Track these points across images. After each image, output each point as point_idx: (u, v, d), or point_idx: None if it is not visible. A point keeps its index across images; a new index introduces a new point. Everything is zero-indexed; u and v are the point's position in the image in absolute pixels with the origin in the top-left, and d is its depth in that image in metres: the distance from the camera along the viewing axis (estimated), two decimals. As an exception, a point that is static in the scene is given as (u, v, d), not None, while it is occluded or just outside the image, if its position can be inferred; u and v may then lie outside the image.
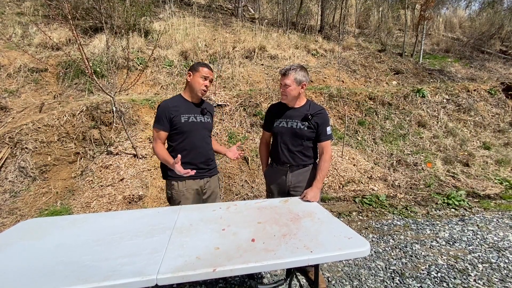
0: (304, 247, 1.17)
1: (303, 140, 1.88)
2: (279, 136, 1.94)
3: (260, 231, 1.35)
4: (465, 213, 3.31)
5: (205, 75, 1.86)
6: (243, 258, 1.09)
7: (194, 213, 1.60)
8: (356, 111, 5.60)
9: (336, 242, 1.21)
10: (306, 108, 1.92)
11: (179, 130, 1.85)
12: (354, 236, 1.26)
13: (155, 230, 1.37)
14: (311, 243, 1.20)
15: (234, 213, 1.60)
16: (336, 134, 5.07)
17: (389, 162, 4.63)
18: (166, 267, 1.03)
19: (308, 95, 5.63)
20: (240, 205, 1.73)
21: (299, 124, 1.87)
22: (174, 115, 1.83)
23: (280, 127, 1.93)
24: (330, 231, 1.32)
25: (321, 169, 1.87)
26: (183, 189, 1.88)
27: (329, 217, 1.50)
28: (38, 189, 3.66)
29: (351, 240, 1.22)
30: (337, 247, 1.16)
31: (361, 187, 4.00)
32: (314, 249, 1.15)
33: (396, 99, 5.84)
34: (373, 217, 3.25)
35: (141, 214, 1.60)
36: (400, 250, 2.51)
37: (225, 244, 1.22)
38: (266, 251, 1.15)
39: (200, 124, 1.91)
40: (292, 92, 1.85)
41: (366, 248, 1.15)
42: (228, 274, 1.02)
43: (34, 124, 4.20)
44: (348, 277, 2.16)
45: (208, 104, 2.10)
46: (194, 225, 1.43)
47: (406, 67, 8.12)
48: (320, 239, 1.24)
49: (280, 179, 1.98)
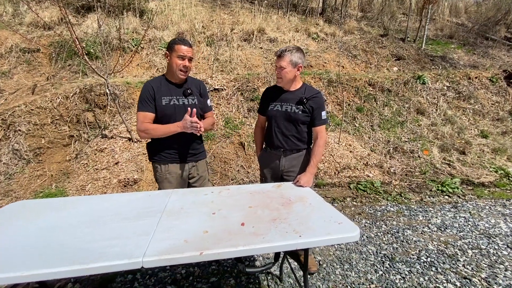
0: (293, 231, 1.16)
1: (297, 124, 1.85)
2: (273, 120, 1.90)
3: (250, 215, 1.34)
4: (458, 200, 3.34)
5: (183, 54, 1.74)
6: (231, 241, 1.08)
7: (185, 197, 1.58)
8: (355, 97, 5.53)
9: (326, 227, 1.21)
10: (302, 91, 1.87)
11: (160, 113, 1.79)
12: (345, 221, 1.25)
13: (145, 213, 1.36)
14: (300, 228, 1.19)
15: (226, 197, 1.59)
16: (333, 120, 5.03)
17: (385, 149, 4.62)
18: (152, 250, 1.02)
19: (307, 80, 5.54)
20: (233, 189, 1.72)
21: (293, 107, 1.83)
22: (157, 97, 1.77)
23: (274, 111, 1.89)
24: (320, 216, 1.32)
25: (315, 154, 1.85)
26: (165, 173, 1.85)
27: (321, 202, 1.50)
28: (32, 171, 3.65)
29: (341, 225, 1.22)
30: (327, 232, 1.15)
31: (357, 174, 4.01)
32: (303, 233, 1.14)
33: (396, 85, 5.76)
34: (367, 203, 3.28)
35: (132, 197, 1.59)
36: (392, 236, 2.55)
37: (214, 228, 1.21)
38: (255, 235, 1.14)
39: (183, 106, 1.83)
40: (288, 75, 1.79)
41: (355, 233, 1.15)
42: (215, 257, 1.02)
43: (26, 106, 4.12)
44: (339, 260, 2.20)
45: (195, 81, 1.99)
46: (184, 208, 1.42)
47: (408, 53, 7.96)
48: (310, 223, 1.24)
49: (274, 163, 1.96)
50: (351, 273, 2.05)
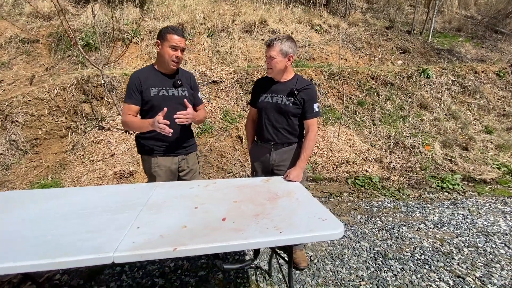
0: (274, 227, 1.12)
1: (288, 117, 1.79)
2: (263, 112, 1.84)
3: (233, 210, 1.30)
4: (458, 197, 3.27)
5: (175, 45, 1.67)
6: (208, 237, 1.05)
7: (170, 190, 1.55)
8: (357, 90, 5.43)
9: (309, 223, 1.17)
10: (293, 82, 1.80)
11: (149, 104, 1.74)
12: (329, 217, 1.21)
13: (126, 206, 1.34)
14: (282, 224, 1.15)
15: (211, 191, 1.56)
16: (334, 114, 4.94)
17: (386, 144, 4.54)
18: (126, 244, 0.99)
19: (308, 73, 5.44)
20: (220, 183, 1.68)
21: (284, 99, 1.77)
22: (144, 88, 1.72)
23: (264, 102, 1.84)
24: (305, 212, 1.27)
25: (306, 148, 1.79)
26: (154, 166, 1.82)
27: (308, 197, 1.45)
28: (29, 162, 3.65)
29: (325, 222, 1.17)
30: (309, 229, 1.11)
31: (355, 169, 3.95)
32: (284, 230, 1.10)
33: (399, 79, 5.63)
34: (364, 198, 3.23)
35: (116, 189, 1.57)
36: (387, 232, 2.50)
37: (193, 223, 1.18)
38: (235, 230, 1.10)
39: (173, 98, 1.78)
40: (278, 65, 1.73)
41: (338, 230, 1.10)
42: (189, 253, 0.98)
43: (24, 97, 4.12)
44: (331, 256, 2.16)
45: (185, 73, 1.93)
46: (167, 202, 1.39)
47: (414, 46, 7.77)
48: (293, 219, 1.20)
49: (264, 157, 1.91)
50: (342, 269, 2.01)
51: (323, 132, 4.55)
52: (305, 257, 2.07)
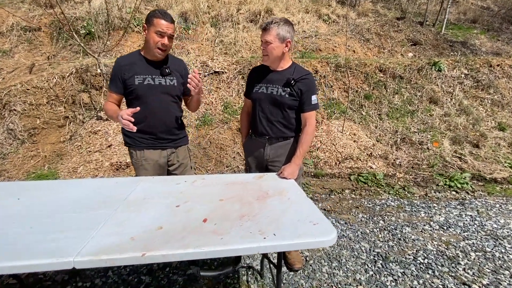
0: (258, 231, 1.01)
1: (284, 109, 1.66)
2: (257, 104, 1.72)
3: (217, 210, 1.20)
4: (466, 196, 3.10)
5: (161, 30, 1.53)
6: (183, 241, 0.94)
7: (154, 186, 1.46)
8: (364, 83, 5.22)
9: (298, 227, 1.05)
10: (290, 72, 1.66)
11: (134, 93, 1.63)
12: (322, 221, 1.09)
13: (104, 202, 1.24)
14: (268, 227, 1.04)
15: (198, 187, 1.45)
16: (339, 108, 4.77)
17: (392, 140, 4.36)
18: (91, 247, 0.90)
19: (313, 65, 5.25)
20: (209, 179, 1.58)
21: (279, 90, 1.64)
22: (128, 76, 1.61)
23: (259, 93, 1.71)
24: (296, 214, 1.16)
25: (302, 144, 1.67)
26: (141, 159, 1.72)
27: (301, 197, 1.34)
28: (26, 152, 3.62)
29: (316, 227, 1.06)
30: (297, 234, 1.00)
31: (359, 165, 3.80)
32: (269, 234, 0.99)
33: (409, 72, 5.39)
34: (366, 196, 3.10)
35: (98, 184, 1.48)
36: (389, 233, 2.37)
37: (171, 223, 1.08)
38: (214, 234, 1.00)
39: (159, 87, 1.66)
40: (274, 51, 1.59)
41: (330, 237, 0.99)
42: (159, 260, 0.88)
43: (22, 85, 4.06)
44: (328, 257, 2.06)
45: (176, 60, 1.80)
46: (148, 199, 1.30)
47: (426, 37, 7.45)
48: (281, 223, 1.08)
49: (258, 151, 1.80)
50: (339, 271, 1.91)
51: (326, 126, 4.40)
52: (300, 258, 1.97)
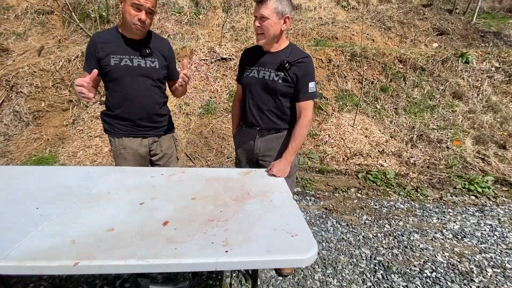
0: (222, 242, 0.85)
1: (276, 97, 1.46)
2: (248, 90, 1.53)
3: (185, 211, 1.05)
4: (487, 202, 2.80)
5: (138, 2, 1.36)
6: (128, 249, 0.80)
7: (125, 178, 1.32)
8: (381, 75, 4.87)
9: (271, 239, 0.88)
10: (286, 53, 1.45)
11: (109, 75, 1.48)
12: (302, 232, 0.92)
13: (61, 195, 1.12)
14: (236, 238, 0.88)
15: (174, 182, 1.31)
16: (352, 100, 4.47)
17: (408, 136, 4.05)
18: (22, 250, 0.78)
19: (327, 53, 4.95)
20: (189, 172, 1.43)
21: (272, 74, 1.44)
22: (103, 55, 1.45)
23: (249, 77, 1.51)
24: (274, 221, 0.99)
25: (295, 137, 1.48)
26: (119, 148, 1.59)
27: (286, 200, 1.16)
28: (30, 134, 3.63)
29: (293, 239, 0.88)
30: (267, 249, 0.83)
31: (369, 162, 3.55)
32: (234, 247, 0.83)
33: (431, 63, 4.96)
34: (373, 196, 2.86)
35: (63, 172, 1.36)
36: (394, 239, 2.16)
37: (125, 225, 0.94)
38: (169, 242, 0.85)
39: (138, 69, 1.50)
40: (271, 28, 1.37)
41: (307, 255, 0.81)
42: (94, 271, 0.75)
43: (30, 68, 4.05)
44: (323, 262, 1.88)
45: (160, 40, 1.64)
46: (112, 193, 1.16)
47: (454, 26, 6.87)
48: (253, 232, 0.92)
49: (247, 144, 1.62)
50: (333, 280, 1.73)
51: (337, 119, 4.14)
52: (291, 262, 1.81)
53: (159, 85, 1.60)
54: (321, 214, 2.48)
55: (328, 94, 4.57)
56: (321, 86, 4.60)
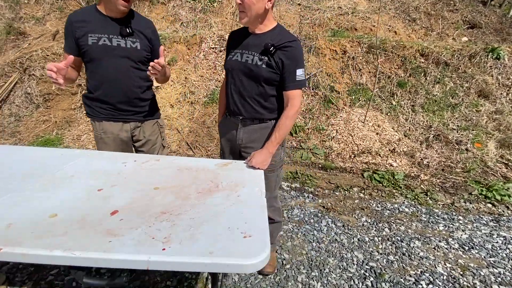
0: (164, 239, 0.77)
1: (259, 83, 1.34)
2: (230, 75, 1.42)
3: (139, 201, 0.97)
4: (504, 212, 2.55)
5: None
6: (60, 238, 0.74)
7: (94, 162, 1.27)
8: (399, 69, 4.56)
9: (220, 238, 0.79)
10: (272, 35, 1.32)
11: (87, 55, 1.42)
12: (258, 235, 0.81)
13: (25, 176, 1.09)
14: (181, 234, 0.80)
15: (143, 169, 1.24)
16: (365, 94, 4.23)
17: (424, 136, 3.78)
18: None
19: (342, 44, 4.71)
20: (164, 161, 1.36)
21: (255, 58, 1.32)
22: (80, 34, 1.39)
23: (232, 61, 1.40)
24: (231, 219, 0.89)
25: (279, 128, 1.36)
26: (100, 132, 1.55)
27: (256, 196, 1.06)
28: (40, 116, 3.72)
29: (245, 241, 0.78)
30: (210, 250, 0.74)
31: (377, 161, 3.34)
32: (173, 246, 0.74)
33: (457, 58, 4.58)
34: (377, 197, 2.69)
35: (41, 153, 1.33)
36: (392, 244, 2.00)
37: (71, 211, 0.88)
38: (107, 234, 0.78)
39: (118, 49, 1.42)
40: (254, 7, 1.24)
41: (253, 261, 0.71)
42: (19, 259, 0.69)
43: (43, 51, 4.14)
44: (309, 263, 1.77)
45: (143, 20, 1.55)
46: (75, 177, 1.11)
47: (488, 19, 6.32)
48: (203, 228, 0.83)
49: (230, 134, 1.52)
50: (317, 284, 1.62)
51: (347, 114, 3.93)
52: (274, 261, 1.71)
53: (140, 68, 1.53)
54: (316, 212, 2.35)
55: (340, 87, 4.35)
56: (333, 79, 4.38)
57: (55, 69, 1.20)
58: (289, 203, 2.47)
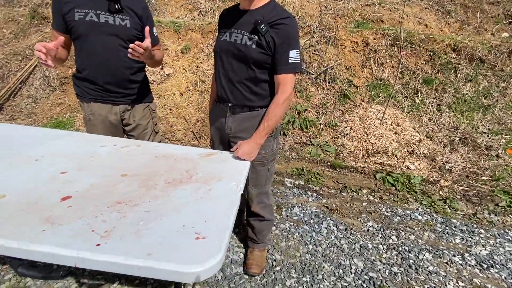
0: (104, 233, 0.68)
1: (249, 66, 1.20)
2: (218, 57, 1.29)
3: (99, 187, 0.89)
4: (536, 228, 2.25)
5: None
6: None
7: (72, 144, 1.21)
8: (427, 64, 4.20)
9: (167, 238, 0.68)
10: (265, 12, 1.17)
11: (74, 32, 1.35)
12: (214, 238, 0.70)
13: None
14: (126, 229, 0.70)
15: (118, 154, 1.16)
16: (386, 90, 3.94)
17: (448, 138, 3.46)
18: None
19: (364, 36, 4.42)
20: (145, 147, 1.27)
21: (245, 37, 1.18)
22: (67, 9, 1.32)
23: (221, 42, 1.27)
24: (191, 215, 0.78)
25: (268, 117, 1.22)
26: (88, 113, 1.49)
27: (231, 191, 0.94)
28: (55, 99, 3.82)
29: (196, 243, 0.67)
30: (149, 251, 0.63)
31: (393, 162, 3.10)
32: (113, 240, 0.65)
33: (494, 54, 4.14)
34: (388, 201, 2.47)
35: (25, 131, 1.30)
36: (398, 254, 1.81)
37: (20, 194, 0.81)
38: (45, 222, 0.69)
39: (105, 26, 1.34)
40: None
41: (196, 269, 0.59)
42: None
43: (62, 35, 4.22)
44: (301, 267, 1.64)
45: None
46: (44, 158, 1.05)
47: (534, 13, 5.67)
48: (153, 224, 0.73)
49: (219, 122, 1.41)
50: (307, 290, 1.49)
51: (363, 111, 3.68)
52: (263, 261, 1.59)
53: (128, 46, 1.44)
54: (318, 212, 2.19)
55: (359, 81, 4.08)
56: (352, 72, 4.12)
57: (44, 50, 1.15)
58: (290, 200, 2.33)
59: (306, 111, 3.70)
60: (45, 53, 1.15)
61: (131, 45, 1.22)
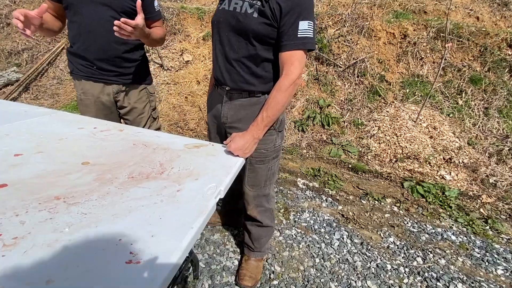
0: (12, 239, 0.51)
1: (249, 40, 0.99)
2: (215, 31, 1.08)
3: (48, 177, 0.73)
4: None
5: None
6: None
7: (48, 124, 1.08)
8: (475, 61, 3.68)
9: (88, 258, 0.50)
10: None
11: (65, 1, 1.22)
12: (151, 264, 0.50)
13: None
14: (41, 238, 0.53)
15: (90, 139, 1.01)
16: (423, 88, 3.50)
17: (495, 147, 2.99)
18: None
19: (403, 27, 3.99)
20: (127, 131, 1.11)
21: (245, 4, 0.96)
22: None
23: (219, 12, 1.06)
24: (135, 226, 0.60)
25: (268, 105, 1.00)
26: (80, 92, 1.38)
27: (204, 194, 0.74)
28: (78, 81, 3.86)
29: (129, 268, 0.48)
30: (51, 276, 0.45)
31: (425, 170, 2.72)
32: (13, 254, 0.48)
33: (562, 52, 3.51)
34: (416, 214, 2.15)
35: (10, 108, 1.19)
36: (424, 281, 1.51)
37: None
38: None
39: None
40: None
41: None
42: None
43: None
44: (303, 284, 1.41)
45: None
46: (9, 137, 0.93)
47: None
48: (76, 236, 0.55)
49: (215, 109, 1.21)
50: (305, 314, 1.26)
51: (395, 110, 3.30)
52: (258, 273, 1.39)
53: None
54: (331, 221, 1.94)
55: (393, 77, 3.68)
56: (386, 67, 3.72)
57: (22, 18, 1.02)
58: (301, 204, 2.09)
59: (329, 107, 3.40)
60: (23, 21, 1.02)
61: (116, 22, 1.05)
